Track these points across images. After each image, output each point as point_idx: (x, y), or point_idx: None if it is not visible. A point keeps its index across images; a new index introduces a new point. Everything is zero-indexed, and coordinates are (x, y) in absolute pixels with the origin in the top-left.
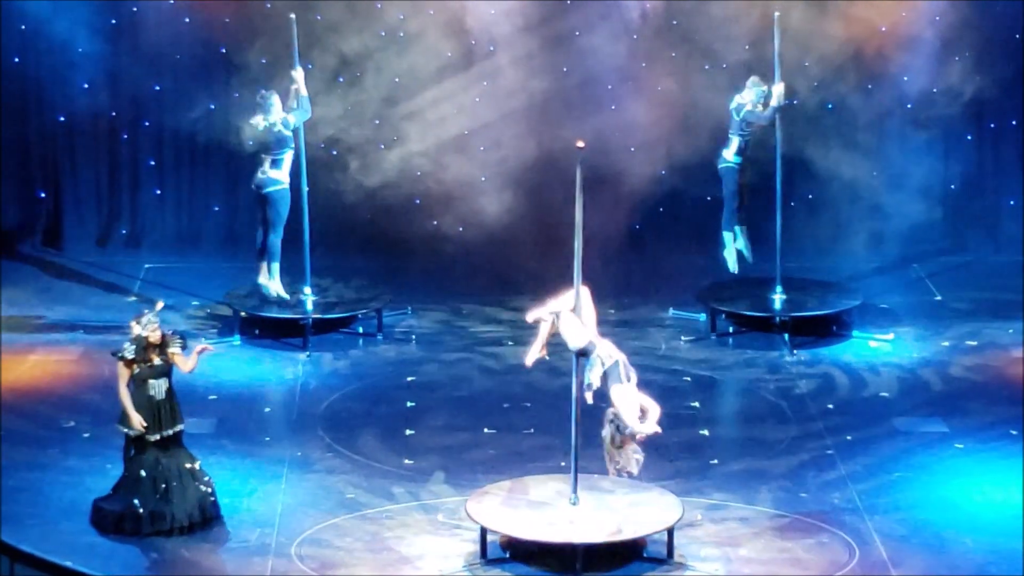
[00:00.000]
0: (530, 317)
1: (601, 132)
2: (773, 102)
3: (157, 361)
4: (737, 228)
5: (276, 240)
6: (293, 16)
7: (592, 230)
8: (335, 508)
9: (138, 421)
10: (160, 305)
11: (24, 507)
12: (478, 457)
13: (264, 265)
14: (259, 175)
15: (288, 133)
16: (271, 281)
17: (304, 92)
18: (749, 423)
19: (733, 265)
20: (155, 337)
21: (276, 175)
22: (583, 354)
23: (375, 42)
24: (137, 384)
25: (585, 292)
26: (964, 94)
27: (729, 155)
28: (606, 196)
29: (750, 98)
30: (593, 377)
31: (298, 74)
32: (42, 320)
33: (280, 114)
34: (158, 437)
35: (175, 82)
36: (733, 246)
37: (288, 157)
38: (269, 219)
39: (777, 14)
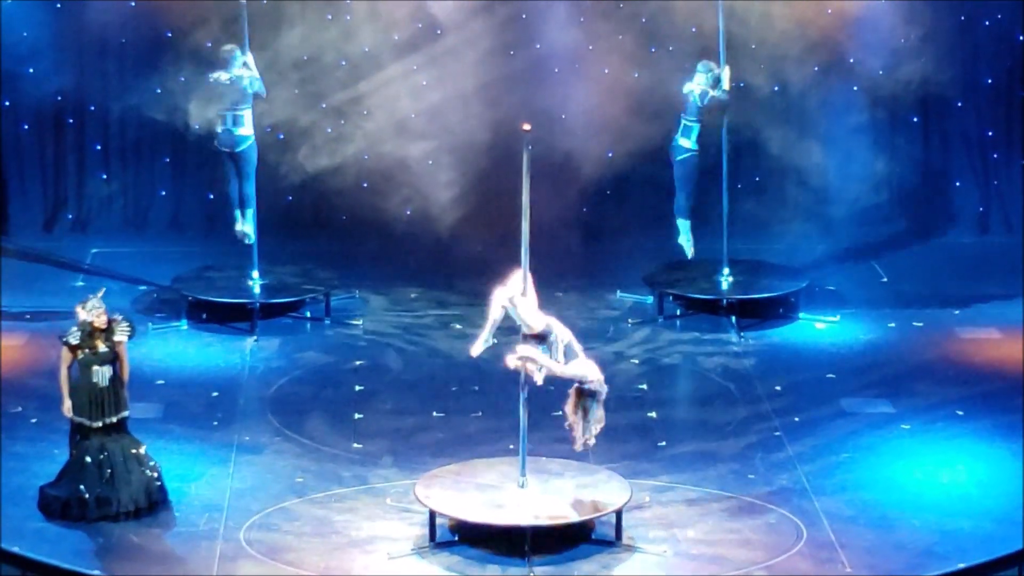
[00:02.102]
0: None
1: (548, 115)
2: (726, 85)
3: (102, 348)
4: (686, 220)
5: (252, 189)
6: (244, 1)
7: (540, 213)
8: (284, 492)
9: (67, 407)
10: (102, 292)
11: None
12: (427, 440)
13: (240, 213)
14: (225, 134)
15: (249, 90)
16: (246, 225)
17: (255, 74)
18: (697, 405)
19: (690, 250)
20: (100, 322)
21: (243, 132)
22: (540, 338)
23: (322, 26)
24: (81, 369)
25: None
26: (910, 76)
27: (688, 143)
28: (554, 179)
29: (702, 82)
30: (554, 360)
31: (248, 58)
32: None
33: (242, 70)
34: (101, 424)
35: (121, 66)
36: (689, 233)
37: (248, 114)
38: (244, 172)
39: (721, 2)
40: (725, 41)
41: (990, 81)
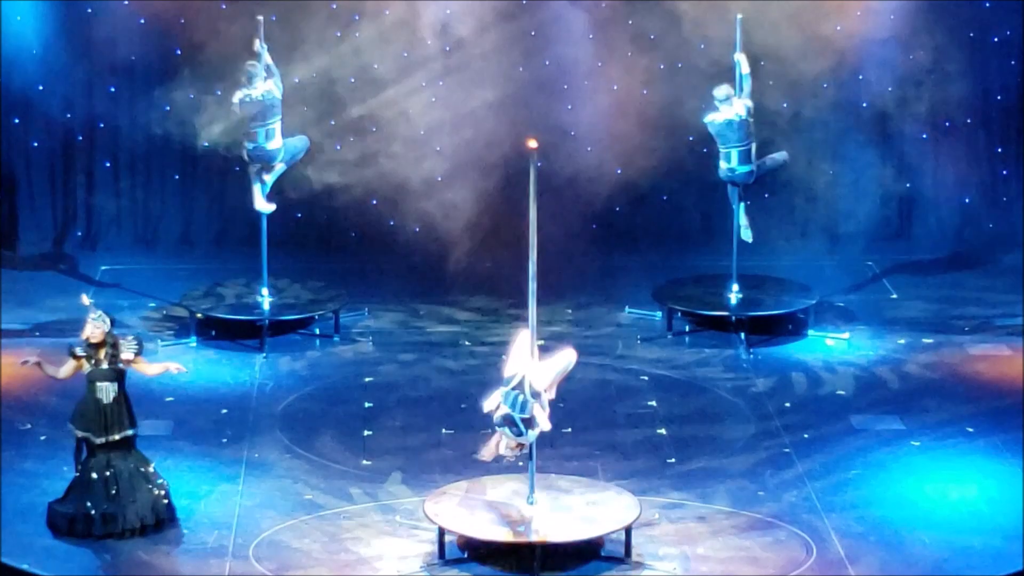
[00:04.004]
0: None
1: (557, 132)
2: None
3: (104, 364)
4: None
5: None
6: (260, 18)
7: (548, 230)
8: (293, 509)
9: (32, 359)
10: (86, 299)
11: None
12: (436, 458)
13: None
14: (257, 150)
15: (277, 99)
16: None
17: (277, 77)
18: (706, 422)
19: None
20: (96, 336)
21: (275, 145)
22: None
23: (330, 42)
24: (87, 385)
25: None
26: (920, 92)
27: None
28: (562, 196)
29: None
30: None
31: (268, 58)
32: None
33: (265, 85)
34: (103, 440)
35: (130, 83)
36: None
37: (279, 125)
38: (272, 179)
39: (740, 16)
40: (740, 55)
41: (999, 98)
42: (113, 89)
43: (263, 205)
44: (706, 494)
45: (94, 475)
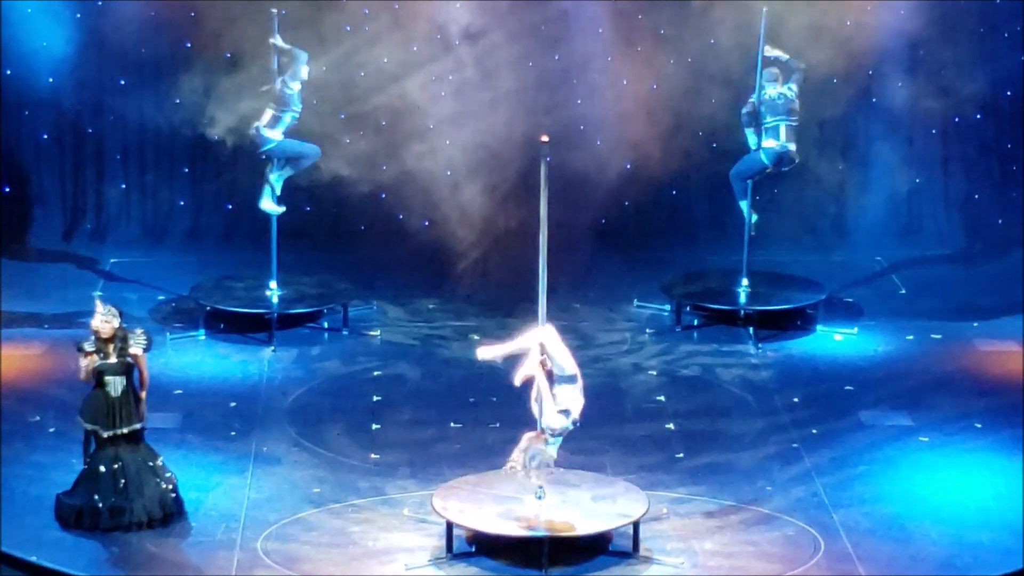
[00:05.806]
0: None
1: (567, 126)
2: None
3: (113, 358)
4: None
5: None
6: (275, 11)
7: (558, 223)
8: (301, 503)
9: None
10: (97, 298)
11: None
12: (444, 451)
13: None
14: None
15: (291, 91)
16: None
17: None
18: (714, 417)
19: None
20: (105, 331)
21: (271, 134)
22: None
23: (340, 36)
24: (97, 377)
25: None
26: (929, 88)
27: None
28: (572, 190)
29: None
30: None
31: (278, 41)
32: (6, 315)
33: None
34: (112, 434)
35: (140, 76)
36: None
37: (288, 119)
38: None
39: (765, 8)
40: (762, 52)
41: (1009, 93)
42: (123, 82)
43: (270, 206)
44: (714, 489)
45: (102, 468)
